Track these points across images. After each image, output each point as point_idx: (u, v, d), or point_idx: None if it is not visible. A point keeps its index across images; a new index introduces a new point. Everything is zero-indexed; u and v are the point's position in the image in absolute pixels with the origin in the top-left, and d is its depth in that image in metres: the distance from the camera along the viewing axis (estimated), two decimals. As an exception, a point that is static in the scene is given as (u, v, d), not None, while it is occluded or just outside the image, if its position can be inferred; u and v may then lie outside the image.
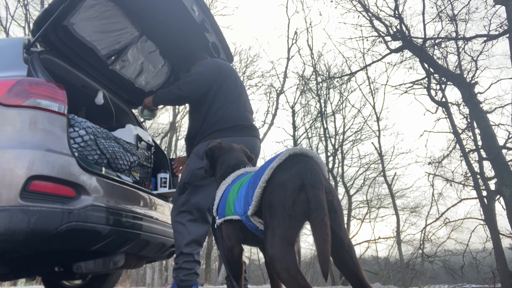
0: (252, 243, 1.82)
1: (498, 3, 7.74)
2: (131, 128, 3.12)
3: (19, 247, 1.99)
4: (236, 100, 2.70)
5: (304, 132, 17.47)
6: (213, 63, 2.74)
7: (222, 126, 2.57)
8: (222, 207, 1.78)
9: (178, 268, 2.42)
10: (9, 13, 15.12)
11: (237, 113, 2.67)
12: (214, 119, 2.59)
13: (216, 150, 2.07)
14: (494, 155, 7.39)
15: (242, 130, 2.62)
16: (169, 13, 2.86)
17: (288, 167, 1.41)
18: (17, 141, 1.94)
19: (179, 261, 2.42)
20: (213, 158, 2.07)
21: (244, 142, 2.46)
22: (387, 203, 18.51)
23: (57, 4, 2.34)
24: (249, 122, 2.71)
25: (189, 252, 2.43)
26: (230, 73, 2.77)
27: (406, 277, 11.40)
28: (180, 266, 2.41)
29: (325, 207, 1.26)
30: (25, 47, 2.32)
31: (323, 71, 16.32)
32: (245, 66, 18.02)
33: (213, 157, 2.07)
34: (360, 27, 10.47)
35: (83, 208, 2.03)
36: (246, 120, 2.69)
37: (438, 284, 11.21)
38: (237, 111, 2.67)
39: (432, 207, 10.68)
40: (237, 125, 2.61)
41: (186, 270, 2.40)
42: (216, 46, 3.13)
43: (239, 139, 2.52)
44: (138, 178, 2.92)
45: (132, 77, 3.40)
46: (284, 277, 1.27)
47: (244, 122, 2.66)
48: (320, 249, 1.20)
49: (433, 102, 9.26)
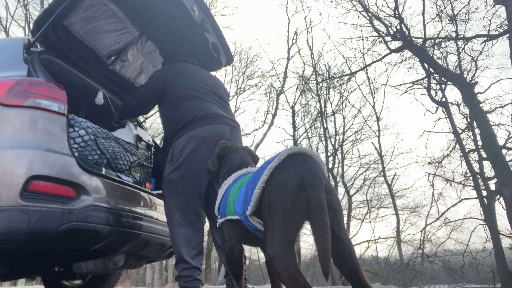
0: (252, 243, 1.82)
1: (498, 3, 7.74)
2: (131, 128, 3.12)
3: (19, 247, 1.99)
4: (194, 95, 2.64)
5: (304, 132, 17.49)
6: (159, 71, 2.83)
7: (181, 124, 2.56)
8: (223, 207, 1.79)
9: (178, 276, 2.44)
10: (9, 13, 15.12)
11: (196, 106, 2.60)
12: (175, 121, 2.59)
13: (222, 152, 2.08)
14: (494, 155, 7.39)
15: (202, 120, 2.54)
16: (169, 13, 2.86)
17: (287, 167, 1.41)
18: (17, 141, 1.94)
19: (178, 269, 2.45)
20: (221, 158, 2.09)
21: (205, 130, 2.48)
22: (387, 203, 18.54)
23: (57, 4, 2.34)
24: (211, 110, 2.61)
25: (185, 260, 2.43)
26: (182, 74, 2.73)
27: (406, 277, 11.40)
28: (179, 274, 2.43)
29: (325, 206, 1.26)
30: (25, 47, 2.32)
31: (323, 71, 16.33)
32: (245, 66, 18.04)
33: (221, 158, 2.09)
34: (360, 27, 10.47)
35: (83, 208, 2.03)
36: (206, 109, 2.60)
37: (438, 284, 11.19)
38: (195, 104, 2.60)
39: (432, 207, 10.69)
40: (195, 118, 2.54)
41: (186, 278, 2.41)
42: (216, 46, 3.13)
43: (200, 129, 2.50)
44: (138, 178, 2.92)
45: (132, 77, 3.40)
46: (284, 277, 1.27)
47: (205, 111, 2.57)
48: (320, 248, 1.20)
49: (433, 102, 9.26)
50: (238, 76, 18.25)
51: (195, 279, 2.42)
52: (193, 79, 2.73)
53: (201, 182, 2.53)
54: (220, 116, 2.60)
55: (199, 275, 2.45)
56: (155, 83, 2.72)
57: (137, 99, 2.76)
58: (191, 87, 2.68)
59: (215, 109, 2.64)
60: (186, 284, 2.39)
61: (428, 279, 13.47)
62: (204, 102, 2.65)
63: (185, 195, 2.50)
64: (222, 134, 2.53)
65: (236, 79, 18.32)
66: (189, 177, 2.49)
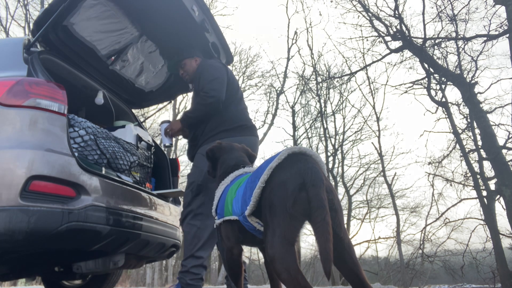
0: (251, 243, 1.81)
1: (498, 3, 7.74)
2: (131, 128, 3.12)
3: (19, 247, 1.98)
4: (239, 101, 2.75)
5: (304, 132, 17.48)
6: (219, 67, 2.75)
7: (228, 127, 2.60)
8: (221, 208, 1.78)
9: (186, 272, 2.39)
10: (9, 13, 15.13)
11: (241, 113, 2.72)
12: (219, 120, 2.62)
13: (216, 151, 2.06)
14: (494, 155, 7.38)
15: (246, 130, 2.65)
16: (169, 13, 2.86)
17: (288, 167, 1.41)
18: (17, 141, 1.94)
19: (188, 264, 2.39)
20: (214, 158, 2.07)
21: (248, 141, 2.50)
22: (387, 203, 18.51)
23: (57, 4, 2.34)
24: (251, 122, 2.76)
25: (201, 256, 2.40)
26: (232, 76, 2.80)
27: (406, 277, 11.39)
28: (188, 269, 2.38)
29: (326, 206, 1.26)
30: (25, 47, 2.32)
31: (323, 71, 16.33)
32: (245, 66, 18.04)
33: (214, 158, 2.07)
34: (360, 27, 10.46)
35: (83, 208, 2.03)
36: (248, 120, 2.74)
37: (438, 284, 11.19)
38: (241, 112, 2.72)
39: (432, 207, 10.66)
40: (241, 125, 2.65)
41: (193, 275, 2.37)
42: (216, 46, 3.13)
43: (244, 138, 2.56)
44: (138, 178, 2.92)
45: (132, 77, 3.40)
46: (284, 277, 1.26)
47: (247, 122, 2.71)
48: (322, 247, 1.20)
49: (433, 102, 9.26)
50: (238, 76, 18.24)
51: (201, 278, 2.40)
52: (236, 82, 2.82)
53: None
54: (256, 129, 2.77)
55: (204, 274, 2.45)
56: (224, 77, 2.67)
57: (217, 91, 2.59)
58: (235, 90, 2.75)
59: (252, 120, 2.79)
60: (192, 282, 2.36)
61: (428, 279, 13.46)
62: (245, 109, 2.80)
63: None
64: (257, 147, 2.68)
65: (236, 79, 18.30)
66: None
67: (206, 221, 2.47)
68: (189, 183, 2.61)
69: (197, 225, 2.45)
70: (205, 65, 2.74)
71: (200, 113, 2.64)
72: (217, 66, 2.74)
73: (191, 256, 2.39)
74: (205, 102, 2.57)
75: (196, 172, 2.58)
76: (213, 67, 2.70)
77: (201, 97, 2.59)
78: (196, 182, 2.54)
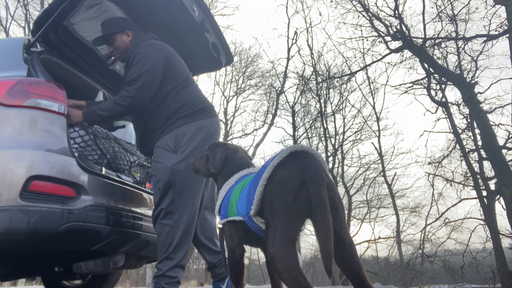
0: (255, 243, 1.82)
1: (498, 3, 7.75)
2: (131, 128, 3.12)
3: (19, 247, 1.98)
4: (191, 82, 2.52)
5: (304, 132, 17.49)
6: (156, 51, 2.39)
7: (185, 112, 2.39)
8: (224, 208, 1.78)
9: (161, 275, 2.20)
10: (9, 13, 15.15)
11: (196, 95, 2.48)
12: (175, 107, 2.39)
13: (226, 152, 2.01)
14: (494, 155, 7.39)
15: (204, 112, 2.44)
16: (169, 13, 2.86)
17: (288, 164, 1.41)
18: (17, 141, 1.94)
19: (163, 268, 2.21)
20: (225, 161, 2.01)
21: (209, 123, 2.40)
22: (387, 203, 18.50)
23: (57, 4, 2.33)
24: (209, 102, 2.54)
25: (176, 256, 2.23)
26: (178, 59, 2.52)
27: (406, 277, 11.40)
28: (163, 273, 2.20)
29: (326, 203, 1.26)
30: (25, 47, 2.31)
31: (323, 71, 16.32)
32: (245, 66, 18.03)
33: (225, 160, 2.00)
34: (360, 27, 10.49)
35: (83, 208, 2.03)
36: (205, 100, 2.51)
37: (438, 284, 11.20)
38: (196, 93, 2.49)
39: (432, 207, 10.67)
40: (200, 108, 2.43)
41: (170, 278, 2.20)
42: (216, 46, 3.12)
43: (205, 121, 2.40)
44: (138, 178, 2.92)
45: (132, 77, 3.39)
46: (285, 277, 1.26)
47: (205, 103, 2.49)
48: (323, 245, 1.19)
49: (433, 102, 9.27)
50: (238, 76, 18.26)
51: (178, 281, 2.24)
52: (183, 62, 2.57)
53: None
54: (213, 107, 2.56)
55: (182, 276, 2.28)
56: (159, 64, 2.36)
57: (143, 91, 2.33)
58: (186, 72, 2.53)
59: (206, 98, 2.57)
60: (168, 286, 2.20)
61: (428, 279, 13.47)
62: (199, 90, 2.53)
63: (189, 189, 2.33)
64: (219, 128, 2.52)
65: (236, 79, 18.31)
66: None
67: (178, 218, 2.28)
68: (155, 182, 2.37)
69: (169, 224, 2.27)
70: (140, 52, 2.37)
71: (114, 115, 2.38)
72: (153, 54, 2.37)
73: (166, 258, 2.22)
74: (124, 103, 2.31)
75: (160, 168, 2.32)
76: (149, 55, 2.35)
77: (121, 96, 2.31)
78: (162, 180, 2.30)
